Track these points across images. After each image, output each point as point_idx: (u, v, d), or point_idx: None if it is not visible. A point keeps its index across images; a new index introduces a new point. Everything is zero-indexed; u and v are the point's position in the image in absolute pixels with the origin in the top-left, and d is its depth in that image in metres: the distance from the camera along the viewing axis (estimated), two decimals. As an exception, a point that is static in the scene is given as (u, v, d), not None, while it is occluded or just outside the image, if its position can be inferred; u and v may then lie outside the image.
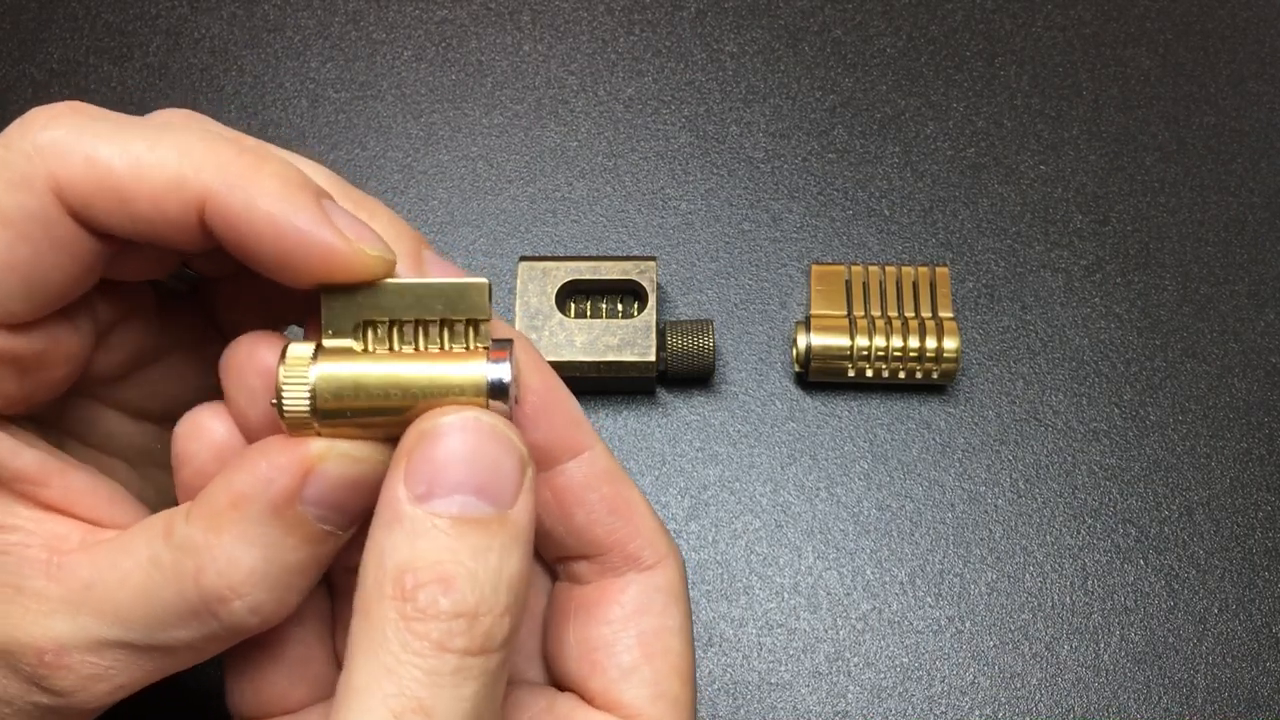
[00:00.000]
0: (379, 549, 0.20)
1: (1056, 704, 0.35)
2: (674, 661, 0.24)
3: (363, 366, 0.21)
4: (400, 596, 0.19)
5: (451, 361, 0.21)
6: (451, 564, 0.19)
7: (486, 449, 0.20)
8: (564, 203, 0.42)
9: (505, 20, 0.45)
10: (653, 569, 0.24)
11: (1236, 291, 0.40)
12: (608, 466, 0.24)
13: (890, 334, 0.37)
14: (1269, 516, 0.37)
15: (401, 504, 0.20)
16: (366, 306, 0.21)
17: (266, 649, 0.24)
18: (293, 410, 0.21)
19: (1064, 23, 0.44)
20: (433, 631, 0.19)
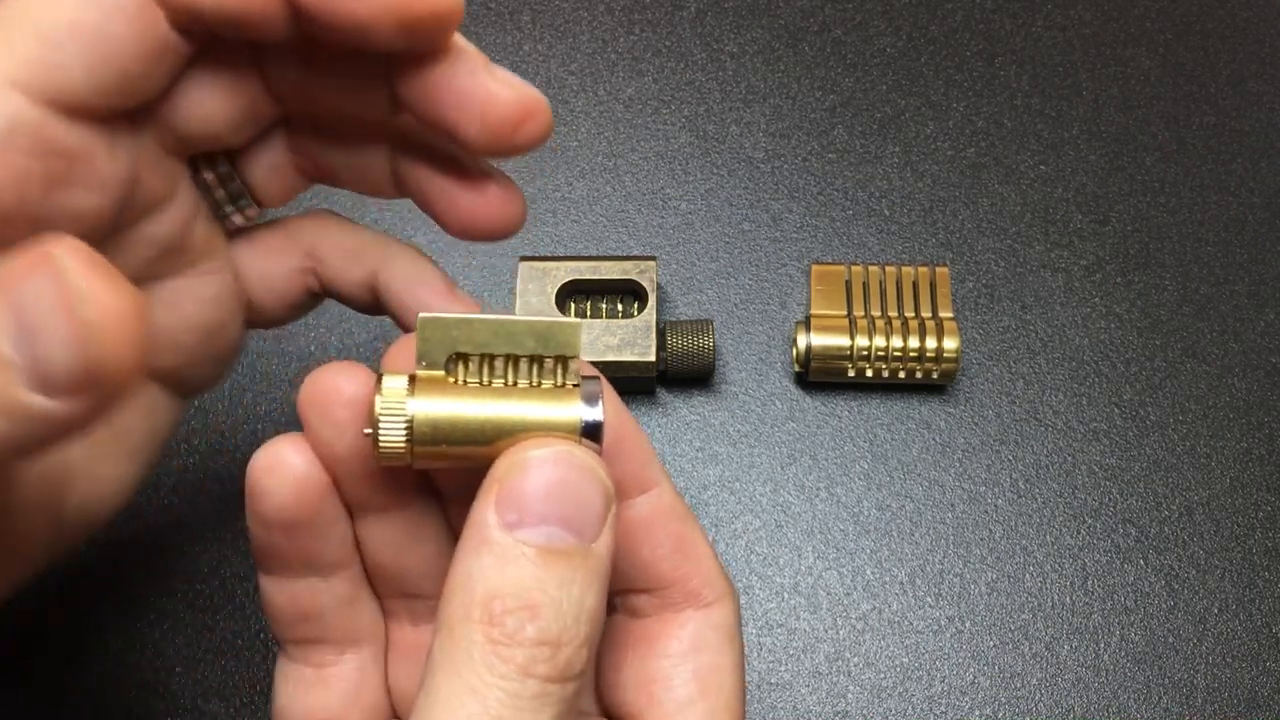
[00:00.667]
0: (466, 572, 0.20)
1: (1056, 704, 0.35)
2: (727, 699, 0.24)
3: (459, 402, 0.21)
4: (488, 621, 0.20)
5: (546, 401, 0.22)
6: (538, 593, 0.20)
7: (576, 483, 0.21)
8: (564, 203, 0.42)
9: (505, 20, 0.45)
10: (711, 607, 0.25)
11: (1236, 291, 0.40)
12: (674, 504, 0.25)
13: (890, 334, 0.38)
14: (1269, 516, 0.37)
15: (491, 529, 0.20)
16: (460, 340, 0.22)
17: (320, 669, 0.25)
18: (389, 443, 0.21)
19: (1064, 23, 0.45)
20: (518, 656, 0.20)
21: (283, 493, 0.23)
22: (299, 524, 0.23)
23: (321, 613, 0.24)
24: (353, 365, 0.23)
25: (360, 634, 0.25)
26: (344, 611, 0.24)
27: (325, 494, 0.23)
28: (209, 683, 0.36)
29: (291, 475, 0.23)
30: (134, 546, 0.37)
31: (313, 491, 0.23)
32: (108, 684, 0.36)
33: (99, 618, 0.36)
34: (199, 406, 0.39)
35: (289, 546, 0.23)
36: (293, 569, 0.24)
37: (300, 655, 0.25)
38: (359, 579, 0.25)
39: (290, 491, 0.23)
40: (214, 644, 0.36)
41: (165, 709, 0.35)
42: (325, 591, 0.24)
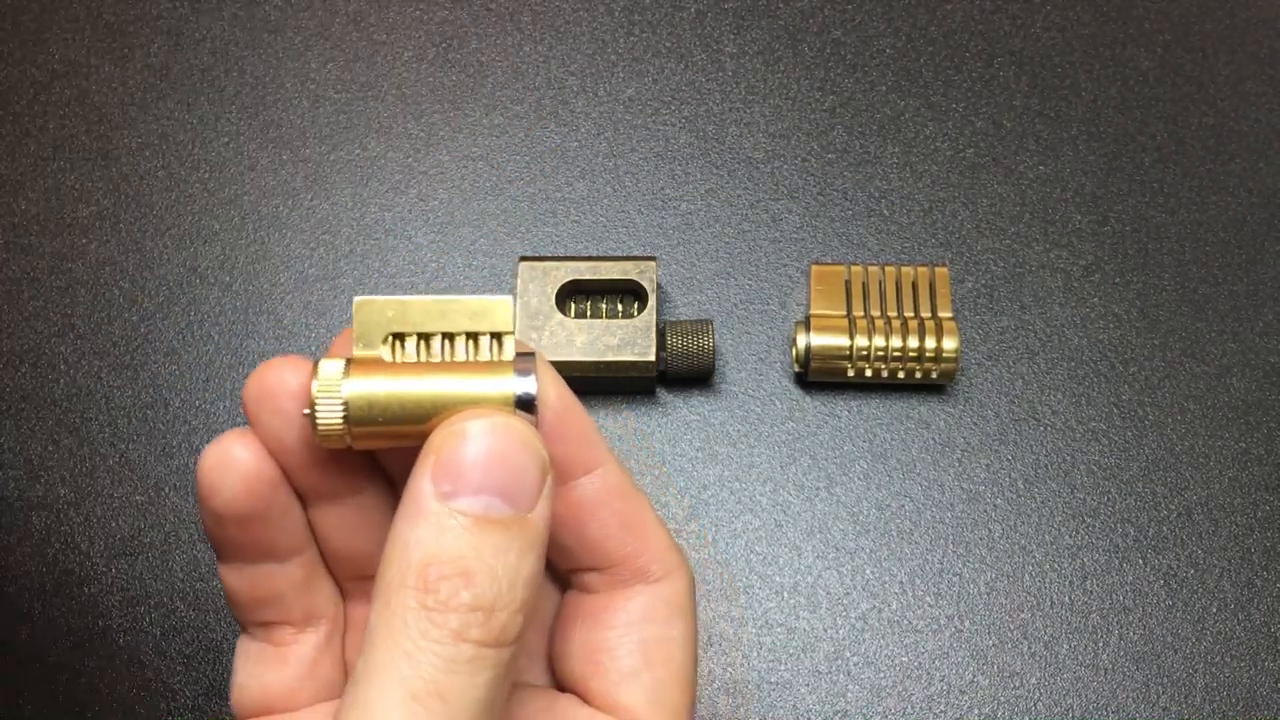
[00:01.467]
0: (403, 540, 0.21)
1: (1055, 703, 0.35)
2: (674, 671, 0.24)
3: (393, 380, 0.22)
4: (422, 587, 0.20)
5: (479, 375, 0.22)
6: (473, 560, 0.20)
7: (512, 453, 0.21)
8: (564, 203, 0.42)
9: (506, 21, 0.45)
10: (660, 581, 0.25)
11: (1235, 291, 0.40)
12: (620, 482, 0.25)
13: (890, 334, 0.38)
14: (1267, 516, 0.37)
15: (427, 499, 0.21)
16: (396, 320, 0.22)
17: (279, 647, 0.25)
18: (326, 422, 0.22)
19: (1063, 24, 0.45)
20: (452, 621, 0.20)
21: (232, 488, 0.23)
22: (250, 517, 0.23)
23: (279, 596, 0.25)
24: (296, 359, 0.23)
25: (318, 613, 0.25)
26: (301, 594, 0.25)
27: (275, 486, 0.23)
28: (209, 683, 0.36)
29: (240, 470, 0.23)
30: (134, 546, 0.37)
31: (262, 484, 0.23)
32: (108, 684, 0.36)
33: (100, 618, 0.36)
34: (199, 407, 0.39)
35: (243, 538, 0.24)
36: (248, 557, 0.24)
37: (260, 634, 0.25)
38: (315, 562, 0.25)
39: (239, 486, 0.23)
40: (214, 644, 0.36)
41: (166, 709, 0.35)
42: (281, 576, 0.24)
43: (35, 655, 0.36)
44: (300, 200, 0.42)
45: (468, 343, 0.22)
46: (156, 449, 0.38)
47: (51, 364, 0.39)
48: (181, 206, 0.42)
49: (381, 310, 0.22)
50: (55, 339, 0.40)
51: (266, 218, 0.41)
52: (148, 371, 0.39)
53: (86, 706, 0.36)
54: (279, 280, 0.41)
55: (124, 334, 0.40)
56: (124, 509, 0.38)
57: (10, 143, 0.43)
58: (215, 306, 0.40)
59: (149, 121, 0.43)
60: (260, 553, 0.24)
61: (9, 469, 0.38)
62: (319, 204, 0.42)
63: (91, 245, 0.41)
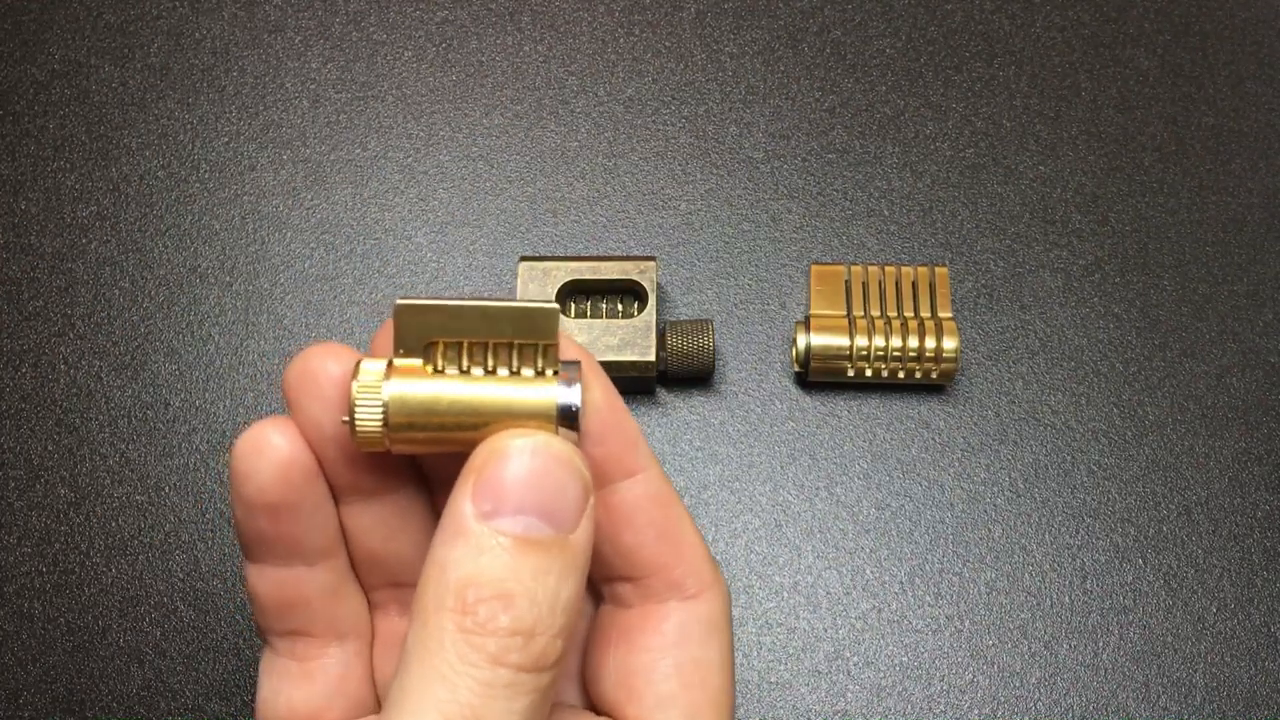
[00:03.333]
0: (441, 561, 0.20)
1: (1055, 703, 0.35)
2: (711, 695, 0.24)
3: (434, 386, 0.22)
4: (460, 610, 0.20)
5: (522, 385, 0.22)
6: (513, 583, 0.20)
7: (554, 473, 0.21)
8: (564, 203, 0.42)
9: (505, 21, 0.45)
10: (695, 598, 0.24)
11: (1235, 291, 0.40)
12: (660, 491, 0.24)
13: (890, 334, 0.38)
14: (1267, 516, 0.37)
15: (467, 520, 0.20)
16: (437, 326, 0.22)
17: (305, 662, 0.25)
18: (365, 427, 0.21)
19: (1063, 23, 0.45)
20: (490, 645, 0.20)
21: (267, 474, 0.22)
22: (283, 507, 0.23)
23: (307, 602, 0.24)
24: (338, 346, 0.23)
25: (345, 626, 0.25)
26: (329, 602, 0.24)
27: (310, 476, 0.23)
28: (209, 683, 0.36)
29: (276, 457, 0.22)
30: (134, 546, 0.37)
31: (297, 473, 0.23)
32: (108, 684, 0.36)
33: (100, 618, 0.36)
34: (199, 406, 0.39)
35: (273, 531, 0.23)
36: (277, 555, 0.24)
37: (284, 649, 0.25)
38: (344, 569, 0.25)
39: (274, 473, 0.22)
40: (214, 644, 0.36)
41: (166, 708, 0.35)
42: (310, 580, 0.24)
43: (35, 655, 0.36)
44: (300, 200, 0.42)
45: (511, 352, 0.22)
46: (156, 449, 0.38)
47: (51, 364, 0.40)
48: (181, 206, 0.42)
49: (424, 314, 0.22)
50: (55, 339, 0.40)
51: (266, 218, 0.41)
52: (148, 371, 0.39)
53: (86, 706, 0.36)
54: (279, 280, 0.41)
55: (124, 334, 0.40)
56: (124, 509, 0.38)
57: (10, 143, 0.43)
58: (215, 306, 0.40)
59: (149, 121, 0.43)
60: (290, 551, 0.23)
61: (9, 469, 0.38)
62: (319, 204, 0.42)
63: (91, 245, 0.41)
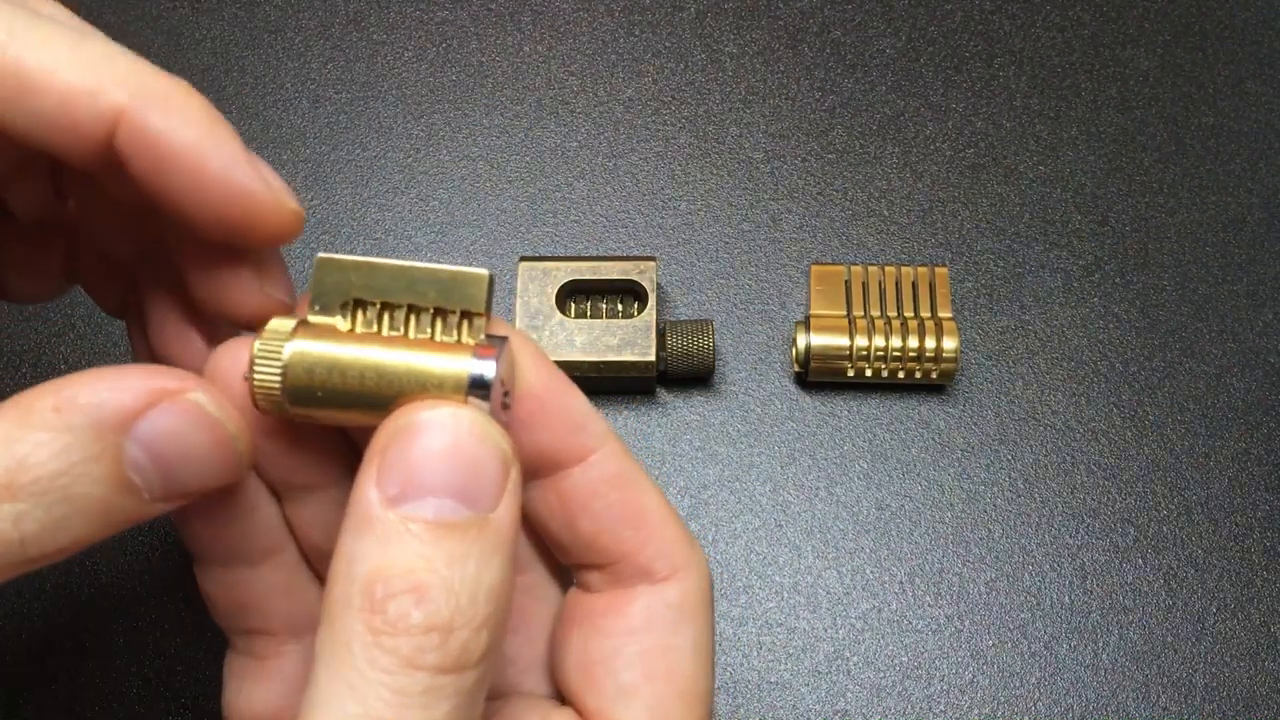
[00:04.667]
0: (347, 554, 0.18)
1: (1055, 703, 0.35)
2: (679, 685, 0.22)
3: (341, 347, 0.20)
4: (369, 608, 0.18)
5: (434, 352, 0.20)
6: (425, 572, 0.18)
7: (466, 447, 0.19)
8: (564, 203, 0.42)
9: (506, 21, 0.45)
10: (666, 582, 0.23)
11: (1235, 291, 0.40)
12: (618, 471, 0.22)
13: (890, 334, 0.38)
14: (1267, 516, 0.37)
15: (372, 506, 0.19)
16: (358, 285, 0.20)
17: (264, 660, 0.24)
18: (263, 384, 0.20)
19: (1063, 23, 0.45)
20: (402, 647, 0.18)
21: None
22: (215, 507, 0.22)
23: (258, 602, 0.23)
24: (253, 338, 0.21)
25: (302, 622, 0.24)
26: (282, 600, 0.23)
27: None
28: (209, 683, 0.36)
29: None
30: (135, 546, 0.37)
31: None
32: (109, 684, 0.36)
33: (101, 618, 0.36)
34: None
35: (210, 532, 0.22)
36: (221, 557, 0.23)
37: (244, 647, 0.24)
38: (295, 564, 0.23)
39: None
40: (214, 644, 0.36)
41: (166, 709, 0.35)
42: (258, 580, 0.23)
43: (35, 655, 0.36)
44: (300, 200, 0.42)
45: (435, 319, 0.20)
46: (156, 449, 0.38)
47: (51, 364, 0.39)
48: (181, 206, 0.42)
49: (345, 271, 0.20)
50: (55, 339, 0.40)
51: None
52: (148, 371, 0.39)
53: (86, 706, 0.36)
54: (279, 280, 0.41)
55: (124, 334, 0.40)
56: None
57: (10, 143, 0.43)
58: (215, 306, 0.40)
59: (149, 121, 0.43)
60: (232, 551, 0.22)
61: (9, 469, 0.38)
62: (319, 204, 0.42)
63: (91, 245, 0.41)
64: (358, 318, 0.21)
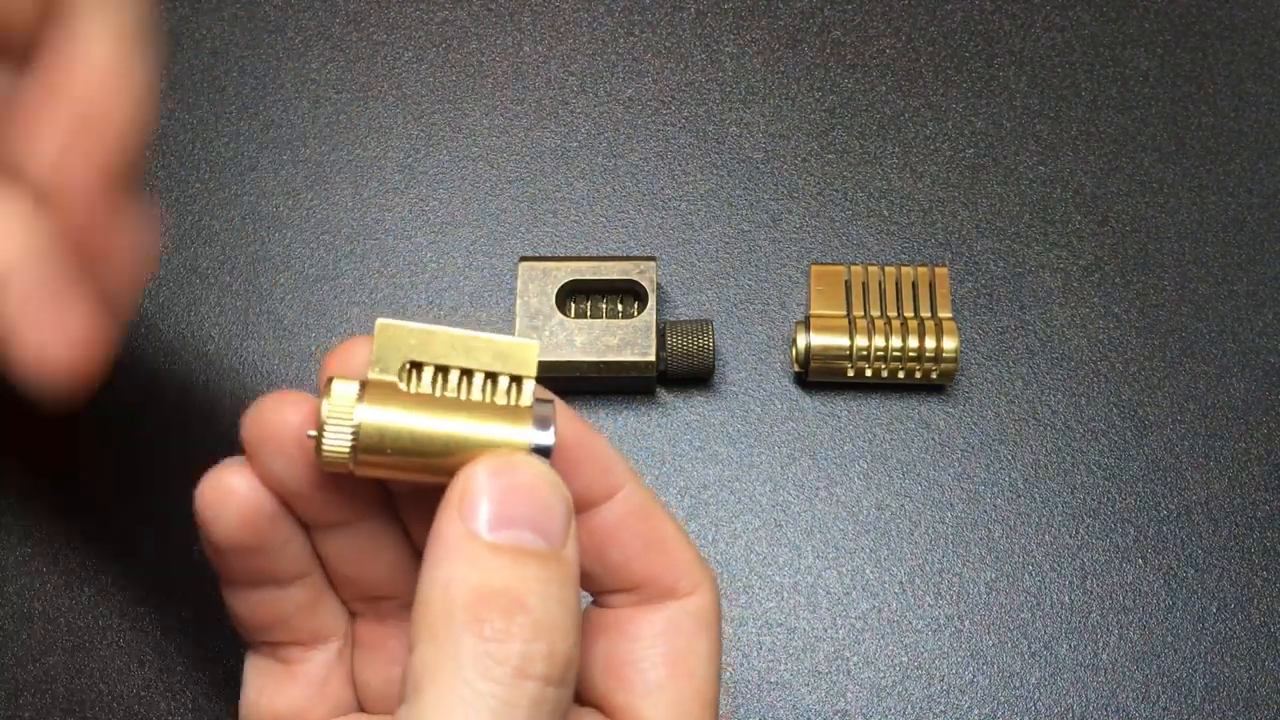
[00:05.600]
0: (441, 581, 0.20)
1: (1055, 703, 0.35)
2: (699, 686, 0.24)
3: (408, 414, 0.21)
4: (475, 620, 0.19)
5: (498, 420, 0.22)
6: (523, 590, 0.19)
7: (541, 487, 0.21)
8: (564, 203, 0.42)
9: (505, 21, 0.45)
10: (687, 596, 0.24)
11: (1235, 291, 0.40)
12: (641, 504, 0.24)
13: (889, 334, 0.38)
14: (1267, 516, 0.37)
15: (459, 537, 0.20)
16: (417, 350, 0.22)
17: (286, 666, 0.25)
18: (333, 449, 0.21)
19: (1062, 24, 0.45)
20: (514, 655, 0.19)
21: (229, 520, 0.22)
22: (248, 549, 0.23)
23: (284, 619, 0.24)
24: (297, 395, 0.22)
25: (326, 631, 0.25)
26: (307, 616, 0.24)
27: (274, 518, 0.23)
28: (209, 683, 0.36)
29: (237, 503, 0.22)
30: (135, 547, 0.37)
31: (261, 518, 0.22)
32: (109, 684, 0.36)
33: (100, 618, 0.36)
34: (199, 406, 0.39)
35: (243, 566, 0.23)
36: (251, 583, 0.24)
37: (268, 651, 0.25)
38: (320, 584, 0.24)
39: (236, 519, 0.22)
40: (214, 644, 0.36)
41: (168, 708, 0.36)
42: (286, 600, 0.24)
43: (36, 655, 0.36)
44: (300, 200, 0.42)
45: (485, 381, 0.22)
46: (156, 449, 0.38)
47: (52, 364, 0.39)
48: (181, 206, 0.42)
49: (404, 336, 0.22)
50: (55, 339, 0.40)
51: (266, 218, 0.41)
52: (148, 371, 0.39)
53: (86, 706, 0.36)
54: (279, 280, 0.41)
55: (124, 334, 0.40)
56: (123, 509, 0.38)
57: (10, 143, 0.43)
58: (215, 306, 0.40)
59: (149, 121, 0.43)
60: (262, 579, 0.24)
61: (9, 469, 0.38)
62: (319, 204, 0.42)
63: (91, 245, 0.41)
64: (414, 380, 0.22)
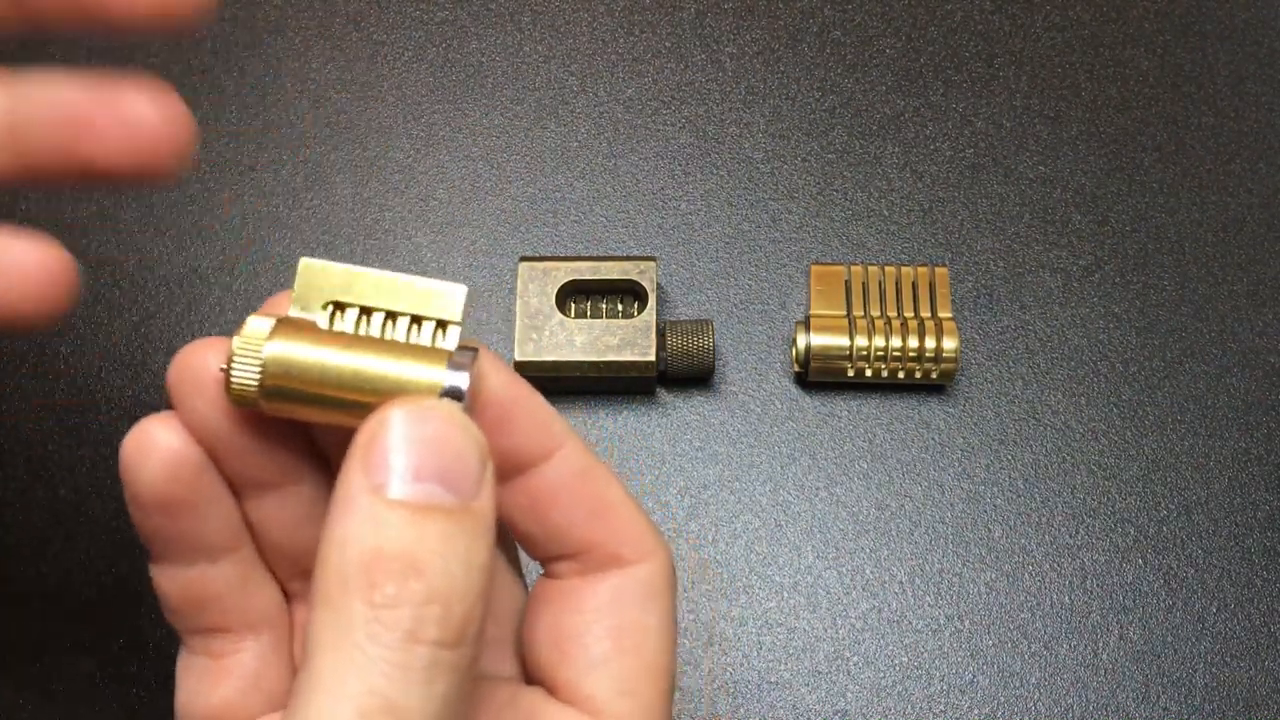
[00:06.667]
0: (339, 539, 0.19)
1: (1055, 703, 0.35)
2: (647, 659, 0.23)
3: (318, 348, 0.21)
4: (368, 585, 0.18)
5: (410, 360, 0.21)
6: (421, 551, 0.19)
7: (449, 438, 0.20)
8: (564, 203, 0.42)
9: (505, 21, 0.45)
10: (635, 565, 0.23)
11: (1235, 291, 0.40)
12: (583, 466, 0.23)
13: (889, 334, 0.38)
14: (1267, 516, 0.38)
15: (361, 492, 0.19)
16: (340, 289, 0.21)
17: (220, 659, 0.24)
18: (240, 381, 0.21)
19: (1062, 24, 0.45)
20: (405, 620, 0.18)
21: (155, 471, 0.22)
22: (175, 504, 0.22)
23: (215, 598, 0.23)
24: (222, 339, 0.22)
25: (258, 618, 0.24)
26: (238, 597, 0.23)
27: (200, 471, 0.22)
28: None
29: (162, 454, 0.22)
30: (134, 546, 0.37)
31: (186, 469, 0.22)
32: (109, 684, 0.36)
33: (100, 618, 0.37)
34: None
35: (170, 529, 0.22)
36: (178, 554, 0.23)
37: (199, 646, 0.24)
38: (252, 561, 0.24)
39: (162, 470, 0.21)
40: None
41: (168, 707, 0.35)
42: (216, 577, 0.23)
43: (36, 655, 0.36)
44: (300, 200, 0.42)
45: (411, 325, 0.21)
46: (157, 449, 0.38)
47: (51, 364, 0.40)
48: (181, 206, 0.42)
49: (329, 276, 0.21)
50: (55, 339, 0.40)
51: (266, 218, 0.41)
52: (148, 372, 0.39)
53: (87, 706, 0.36)
54: (279, 280, 0.41)
55: (124, 334, 0.40)
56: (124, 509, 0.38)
57: (10, 143, 0.43)
58: (215, 306, 0.40)
59: (149, 121, 0.43)
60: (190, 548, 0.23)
61: (9, 469, 0.38)
62: (319, 204, 0.42)
63: (91, 245, 0.41)
64: (336, 319, 0.21)
